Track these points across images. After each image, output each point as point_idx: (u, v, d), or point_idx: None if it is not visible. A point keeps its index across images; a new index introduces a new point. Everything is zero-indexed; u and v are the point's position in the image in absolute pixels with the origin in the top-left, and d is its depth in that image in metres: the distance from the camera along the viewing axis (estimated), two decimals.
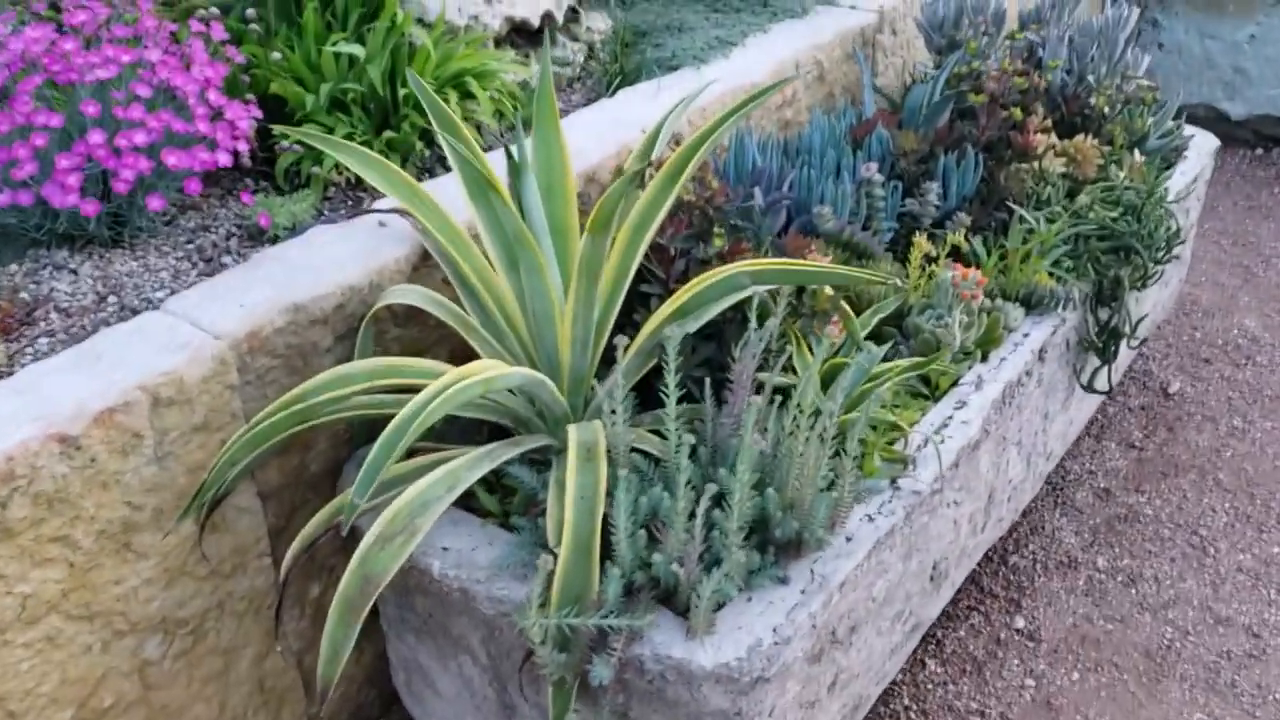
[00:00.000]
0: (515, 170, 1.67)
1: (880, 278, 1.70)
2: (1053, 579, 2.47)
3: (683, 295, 1.64)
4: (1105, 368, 2.40)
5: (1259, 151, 4.31)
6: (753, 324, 1.70)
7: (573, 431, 1.62)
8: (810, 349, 1.91)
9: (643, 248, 1.77)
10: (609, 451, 1.61)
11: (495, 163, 2.04)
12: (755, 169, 2.40)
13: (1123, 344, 2.38)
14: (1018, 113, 2.42)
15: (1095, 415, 2.93)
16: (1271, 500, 2.67)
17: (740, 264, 1.63)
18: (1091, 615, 2.37)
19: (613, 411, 1.59)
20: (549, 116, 1.78)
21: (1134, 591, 2.43)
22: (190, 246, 2.00)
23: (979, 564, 2.46)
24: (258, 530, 1.81)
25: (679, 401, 1.85)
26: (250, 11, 2.18)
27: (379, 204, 1.97)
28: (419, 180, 2.21)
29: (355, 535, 1.70)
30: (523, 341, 1.76)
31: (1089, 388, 2.42)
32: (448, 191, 1.88)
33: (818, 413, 1.67)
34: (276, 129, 2.00)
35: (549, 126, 1.77)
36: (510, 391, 1.75)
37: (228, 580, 1.78)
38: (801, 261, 1.65)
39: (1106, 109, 2.61)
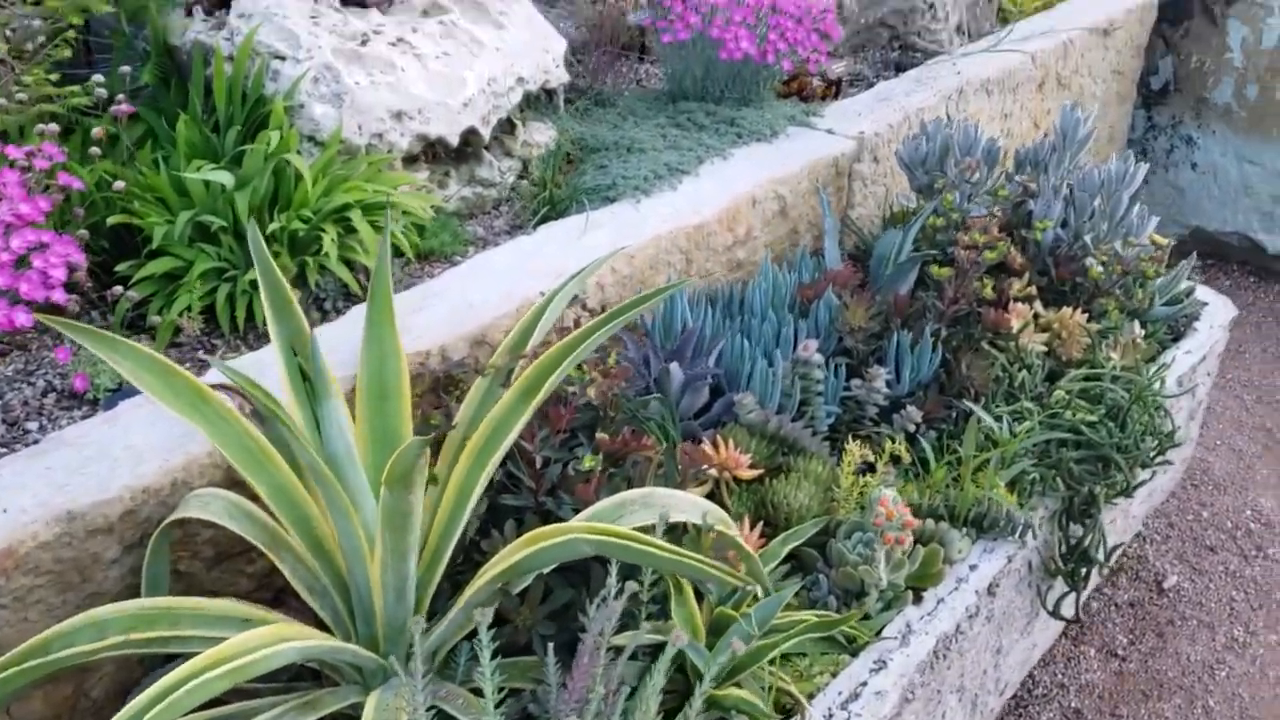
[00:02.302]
0: (311, 392, 1.41)
1: (738, 578, 1.43)
2: None
3: (510, 556, 1.37)
4: (1074, 594, 2.10)
5: None
6: (612, 578, 1.42)
7: (370, 711, 1.35)
8: (696, 592, 1.63)
9: (491, 467, 1.51)
10: None
11: (415, 303, 1.78)
12: (685, 331, 2.14)
13: (1095, 570, 2.08)
14: (988, 289, 2.14)
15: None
16: None
17: (581, 527, 1.36)
18: None
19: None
20: (383, 310, 1.52)
21: None
22: None
23: None
24: None
25: (524, 651, 1.59)
26: (97, 130, 1.94)
27: (209, 376, 1.72)
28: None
29: None
30: (340, 577, 1.49)
31: (1055, 613, 2.12)
32: (271, 377, 1.61)
33: None
34: (48, 319, 1.65)
35: (383, 323, 1.51)
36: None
37: None
38: (656, 545, 1.36)
39: (1101, 279, 2.32)
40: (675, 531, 1.64)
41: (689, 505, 1.59)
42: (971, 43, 3.47)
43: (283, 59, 2.19)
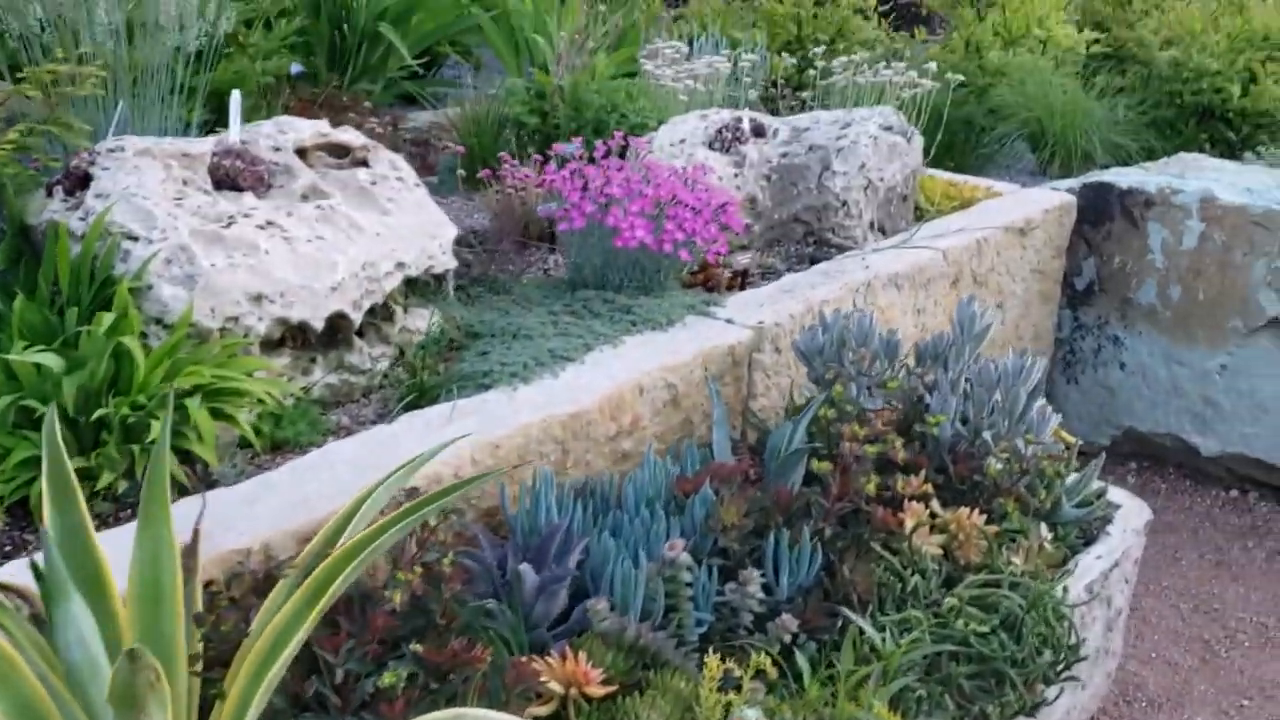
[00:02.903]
0: (47, 594, 1.25)
1: None
2: None
3: None
4: None
5: (1233, 494, 3.88)
6: None
7: None
8: None
9: (270, 681, 1.33)
10: None
11: (248, 496, 1.65)
12: (551, 528, 2.00)
13: None
14: (870, 486, 2.02)
15: None
16: None
17: None
18: None
19: None
20: (157, 504, 1.38)
21: None
22: None
23: None
24: None
25: None
26: None
27: None
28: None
29: None
30: None
31: None
32: None
33: None
34: None
35: (158, 519, 1.38)
36: None
37: None
38: None
39: (999, 476, 2.21)
40: None
41: None
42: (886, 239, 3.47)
43: (135, 239, 2.11)
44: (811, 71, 4.34)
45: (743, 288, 3.05)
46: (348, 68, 4.64)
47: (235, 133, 2.48)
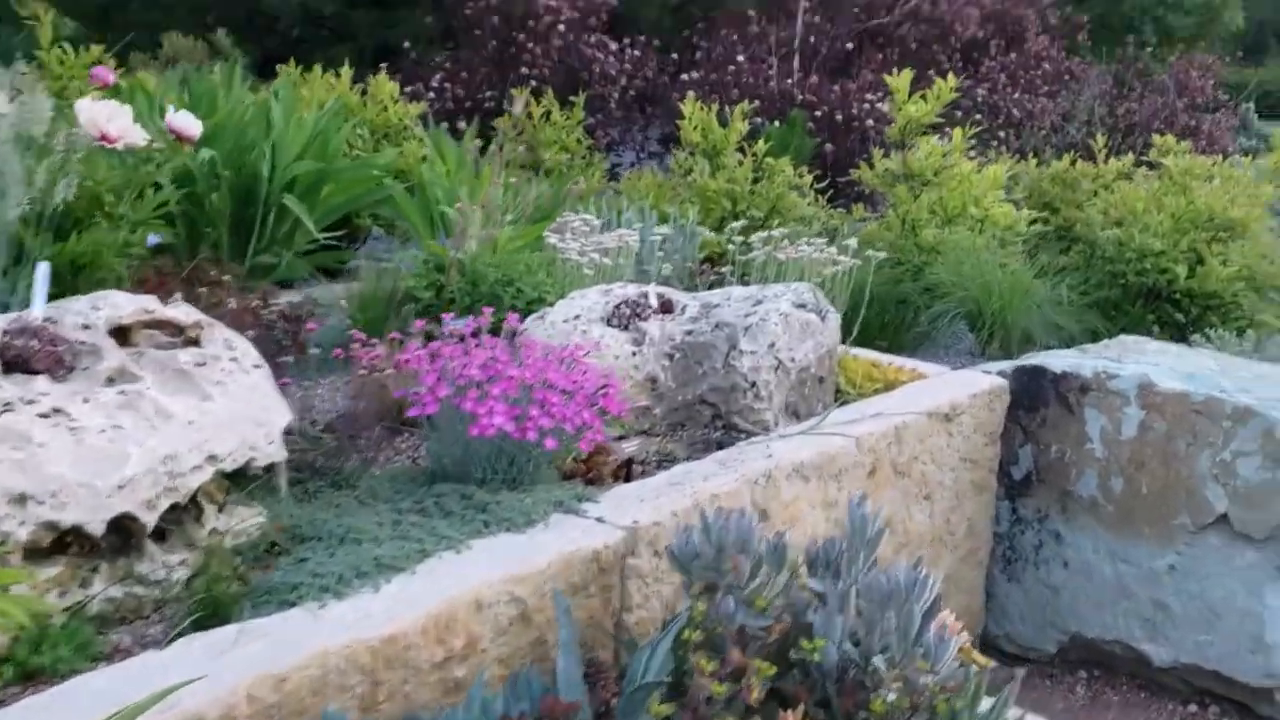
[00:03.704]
0: None
1: None
2: None
3: None
4: None
5: (1192, 708, 3.54)
6: None
7: None
8: None
9: None
10: None
11: None
12: None
13: None
14: None
15: None
16: None
17: None
18: None
19: None
20: None
21: None
22: None
23: None
24: None
25: None
26: None
27: None
28: None
29: None
30: None
31: None
32: None
33: None
34: None
35: None
36: None
37: None
38: None
39: (888, 714, 1.90)
40: None
41: None
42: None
43: None
44: (730, 246, 4.19)
45: (628, 478, 2.79)
46: (250, 240, 4.46)
47: (38, 309, 2.25)
